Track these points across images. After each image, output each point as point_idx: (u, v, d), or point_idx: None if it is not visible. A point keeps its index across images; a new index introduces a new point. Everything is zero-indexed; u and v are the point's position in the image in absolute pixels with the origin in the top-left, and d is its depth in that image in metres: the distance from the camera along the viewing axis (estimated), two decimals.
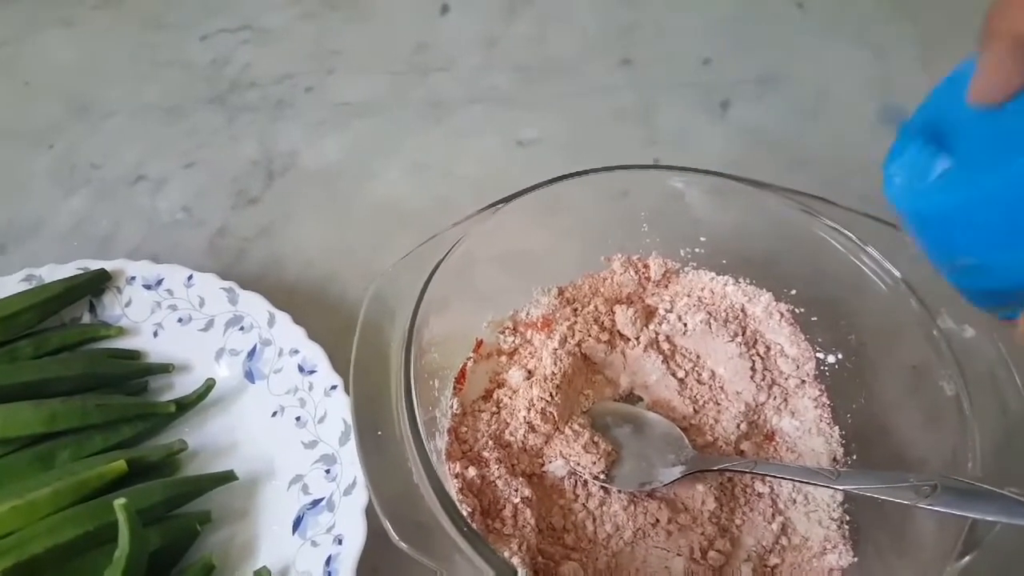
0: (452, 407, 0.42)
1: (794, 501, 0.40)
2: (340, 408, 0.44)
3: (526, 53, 0.72)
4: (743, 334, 0.44)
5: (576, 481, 0.40)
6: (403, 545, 0.31)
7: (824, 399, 0.42)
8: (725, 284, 0.46)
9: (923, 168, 0.26)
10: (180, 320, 0.49)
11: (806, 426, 0.42)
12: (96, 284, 0.49)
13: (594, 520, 0.39)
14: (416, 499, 0.33)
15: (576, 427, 0.41)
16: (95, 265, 0.50)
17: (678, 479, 0.39)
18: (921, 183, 0.25)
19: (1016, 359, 0.35)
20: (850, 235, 0.40)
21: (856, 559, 0.37)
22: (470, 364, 0.44)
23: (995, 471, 0.33)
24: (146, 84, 0.70)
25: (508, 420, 0.42)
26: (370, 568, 0.40)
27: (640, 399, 0.44)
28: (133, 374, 0.47)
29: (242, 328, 0.48)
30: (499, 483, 0.39)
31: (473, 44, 0.73)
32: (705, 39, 0.72)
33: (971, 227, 0.24)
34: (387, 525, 0.32)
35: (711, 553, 0.38)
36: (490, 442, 0.41)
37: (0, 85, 0.70)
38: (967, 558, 0.30)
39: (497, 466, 0.39)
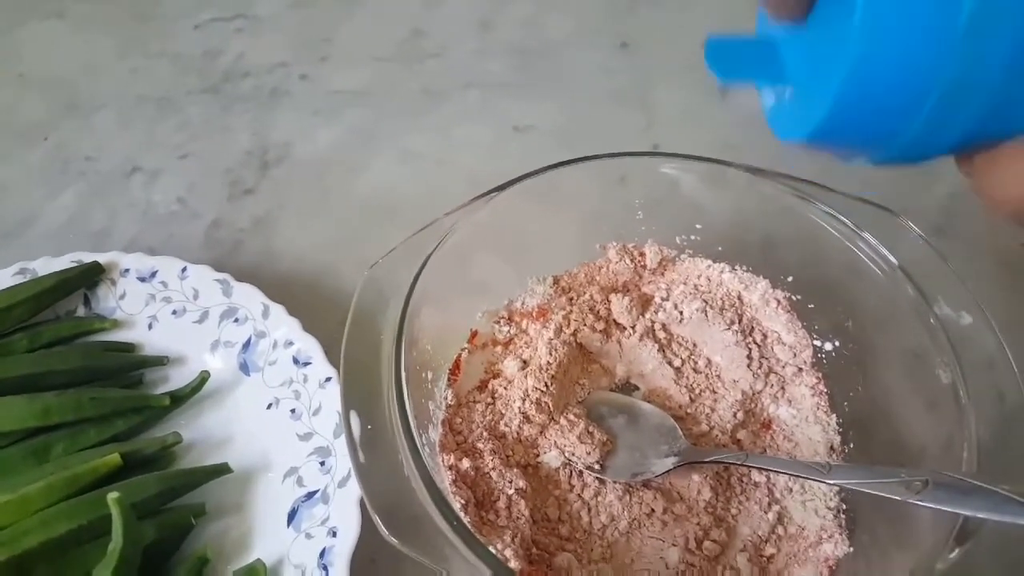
0: (446, 398, 0.42)
1: (790, 490, 0.39)
2: (335, 400, 0.43)
3: (522, 36, 0.72)
4: (739, 322, 0.44)
5: (571, 471, 0.40)
6: (393, 540, 0.31)
7: (821, 387, 0.42)
8: (721, 271, 0.45)
9: (778, 100, 0.24)
10: (174, 312, 0.49)
11: (803, 414, 0.42)
12: (90, 277, 0.49)
13: (589, 510, 0.39)
14: (408, 493, 0.33)
15: (571, 417, 0.41)
16: (89, 258, 0.50)
17: (670, 470, 0.39)
18: (782, 114, 0.24)
19: (1014, 347, 0.35)
20: (846, 221, 0.39)
21: (852, 549, 0.36)
22: (464, 355, 0.44)
23: (992, 460, 0.32)
24: (139, 75, 0.69)
25: (503, 411, 0.42)
26: (368, 559, 0.40)
27: (636, 388, 0.44)
28: (128, 367, 0.47)
29: (236, 320, 0.48)
30: (493, 474, 0.38)
31: (467, 28, 0.72)
32: (705, 20, 0.71)
33: (837, 137, 0.22)
34: (376, 520, 0.31)
35: (706, 543, 0.38)
36: (484, 433, 0.40)
37: None
38: (959, 550, 0.29)
39: (491, 457, 0.39)
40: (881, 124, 0.21)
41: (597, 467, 0.39)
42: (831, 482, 0.34)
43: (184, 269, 0.49)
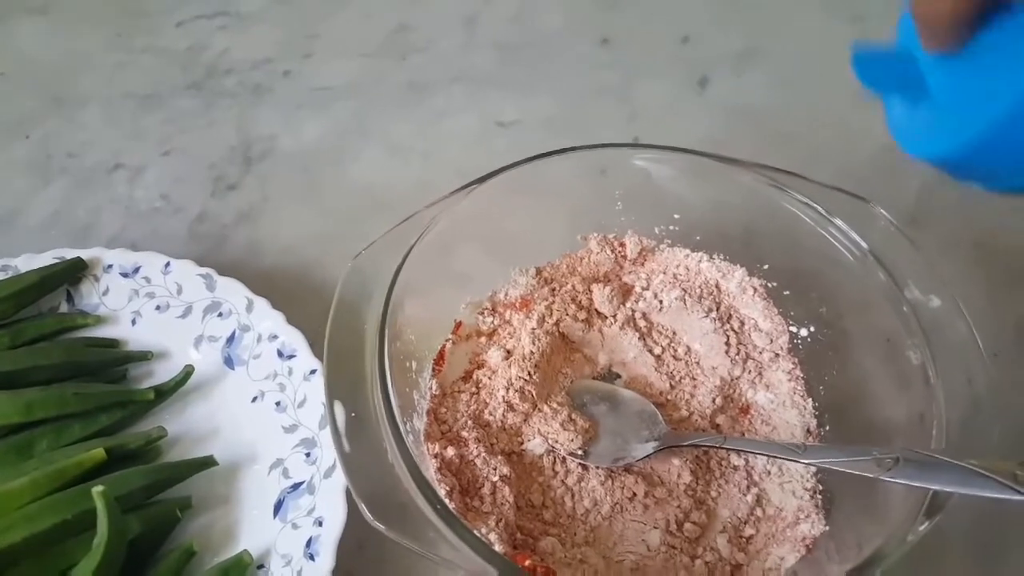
0: (431, 388, 0.42)
1: (768, 473, 0.40)
2: (320, 392, 0.44)
3: (506, 31, 0.72)
4: (717, 309, 0.45)
5: (555, 458, 0.41)
6: (378, 525, 0.32)
7: (798, 372, 0.43)
8: (699, 260, 0.46)
9: (910, 116, 0.25)
10: (158, 308, 0.49)
11: (780, 399, 0.42)
12: (73, 273, 0.49)
13: (572, 496, 0.40)
14: (393, 480, 0.33)
15: (554, 405, 0.41)
16: (72, 254, 0.50)
17: (651, 454, 0.40)
18: (914, 130, 0.25)
19: (981, 330, 0.36)
20: (817, 207, 0.40)
21: (828, 527, 0.37)
22: (449, 345, 0.45)
23: (961, 440, 0.33)
24: (122, 72, 0.69)
25: (487, 400, 0.42)
26: (356, 545, 0.40)
27: (618, 376, 0.45)
28: (112, 362, 0.47)
29: (220, 314, 0.48)
30: (478, 462, 0.39)
31: (453, 23, 0.73)
32: (684, 15, 0.72)
33: (972, 161, 0.23)
34: (362, 506, 0.32)
35: (687, 525, 0.38)
36: (469, 422, 0.41)
37: None
38: (928, 523, 0.30)
39: (476, 445, 0.40)
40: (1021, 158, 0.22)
41: (580, 453, 0.40)
42: (805, 462, 0.35)
43: (167, 264, 0.49)
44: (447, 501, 0.36)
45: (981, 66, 0.22)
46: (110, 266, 0.50)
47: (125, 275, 0.50)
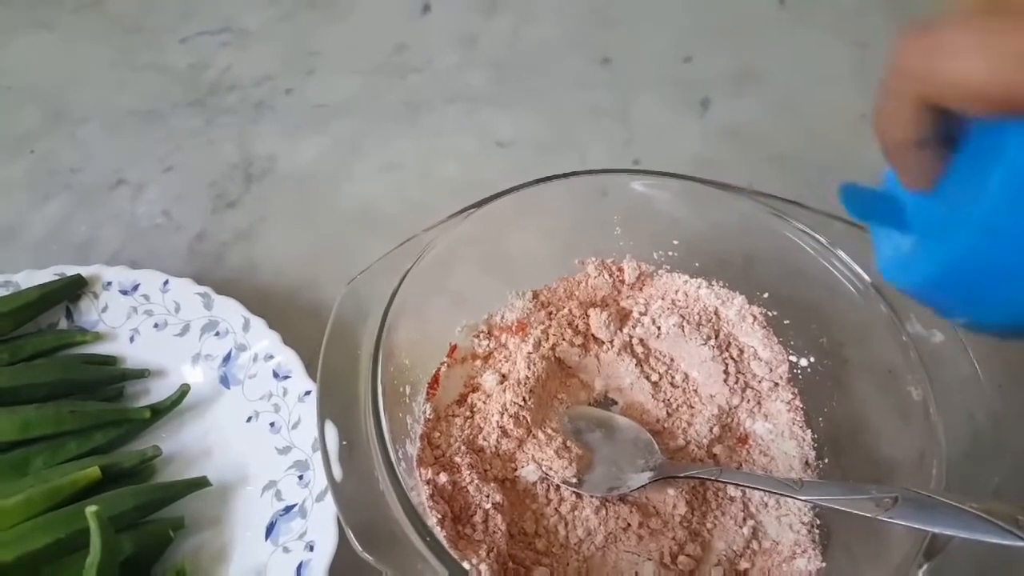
0: (425, 412, 0.42)
1: (766, 505, 0.39)
2: (314, 414, 0.43)
3: (505, 51, 0.72)
4: (716, 337, 0.44)
5: (548, 486, 0.40)
6: (367, 556, 0.31)
7: (797, 402, 0.42)
8: (699, 287, 0.45)
9: (895, 248, 0.27)
10: (156, 325, 0.49)
11: (779, 429, 0.42)
12: (72, 290, 0.49)
13: (566, 525, 0.39)
14: (383, 508, 0.33)
15: (549, 431, 0.41)
16: (72, 271, 0.50)
17: (646, 485, 0.39)
18: (897, 262, 0.26)
19: (986, 361, 0.35)
20: (820, 238, 0.40)
21: (824, 564, 0.36)
22: (444, 369, 0.44)
23: (962, 477, 0.33)
24: (125, 88, 0.70)
25: (481, 425, 0.42)
26: (346, 573, 0.40)
27: (614, 402, 0.44)
28: (109, 380, 0.47)
29: (217, 333, 0.48)
30: (470, 488, 0.39)
31: (452, 43, 0.73)
32: (685, 36, 0.72)
33: (948, 293, 0.24)
34: (350, 535, 0.32)
35: (681, 558, 0.38)
36: (463, 447, 0.40)
37: None
38: (927, 566, 0.30)
39: (469, 472, 0.39)
40: (989, 292, 0.23)
41: (574, 481, 0.40)
42: (803, 498, 0.34)
43: (166, 282, 0.49)
44: (438, 529, 0.36)
45: (946, 199, 0.24)
46: (109, 283, 0.50)
47: (124, 292, 0.50)
